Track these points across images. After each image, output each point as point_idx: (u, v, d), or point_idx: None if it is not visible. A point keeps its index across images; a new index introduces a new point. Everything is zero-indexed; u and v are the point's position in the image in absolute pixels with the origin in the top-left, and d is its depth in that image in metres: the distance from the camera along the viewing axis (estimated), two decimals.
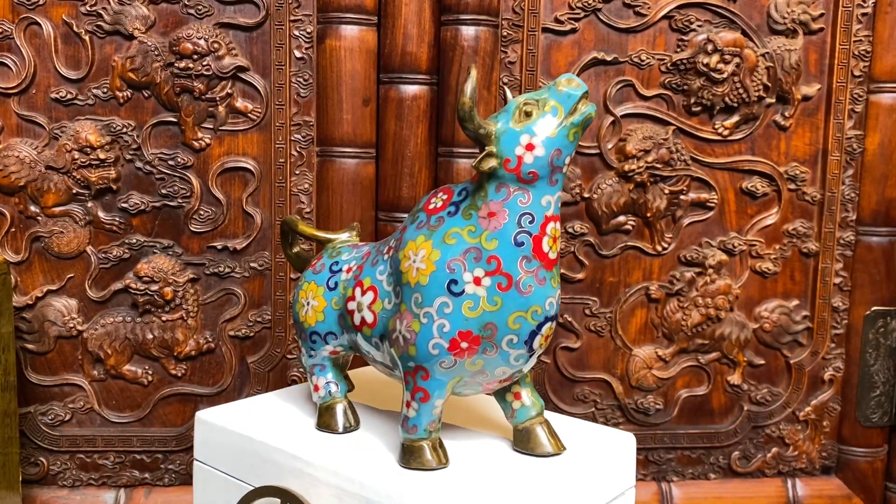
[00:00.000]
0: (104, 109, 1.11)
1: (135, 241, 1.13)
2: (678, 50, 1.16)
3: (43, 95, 1.10)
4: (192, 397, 1.17)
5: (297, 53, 1.11)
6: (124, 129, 1.11)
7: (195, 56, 1.09)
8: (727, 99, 1.16)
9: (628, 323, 1.21)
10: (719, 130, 1.18)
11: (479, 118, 0.67)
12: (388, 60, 1.11)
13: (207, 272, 1.14)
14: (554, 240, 0.68)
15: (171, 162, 1.12)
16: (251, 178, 1.14)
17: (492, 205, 0.67)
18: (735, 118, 1.18)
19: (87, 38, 1.09)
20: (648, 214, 1.18)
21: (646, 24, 1.15)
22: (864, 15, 1.18)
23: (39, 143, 1.10)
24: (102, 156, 1.10)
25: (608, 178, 1.17)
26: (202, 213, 1.13)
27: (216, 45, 1.09)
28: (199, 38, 1.09)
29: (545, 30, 1.14)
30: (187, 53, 1.09)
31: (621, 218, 1.18)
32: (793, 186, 1.21)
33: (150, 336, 1.14)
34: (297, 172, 1.13)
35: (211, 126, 1.12)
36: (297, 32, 1.11)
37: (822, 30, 1.19)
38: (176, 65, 1.09)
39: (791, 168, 1.20)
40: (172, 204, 1.13)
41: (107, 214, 1.12)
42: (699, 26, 1.16)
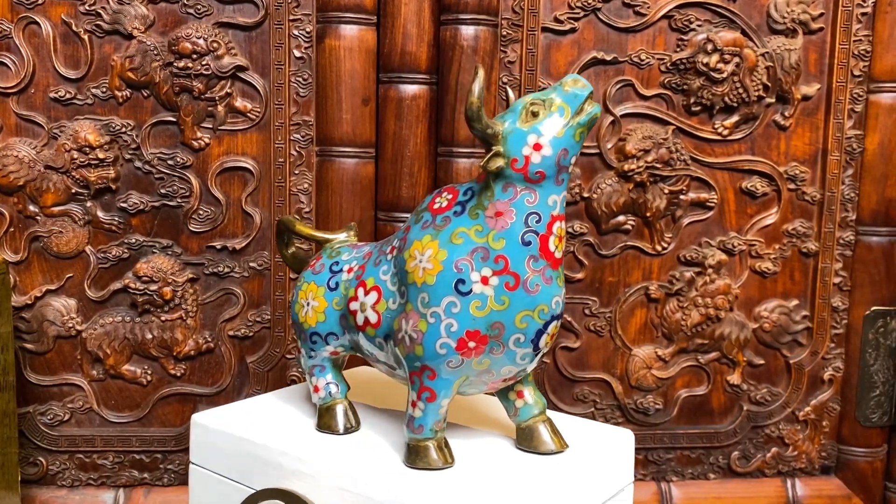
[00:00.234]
0: (103, 109, 1.11)
1: (134, 240, 1.13)
2: (678, 49, 1.16)
3: (42, 95, 1.10)
4: (191, 397, 1.16)
5: (297, 53, 1.11)
6: (123, 129, 1.11)
7: (194, 55, 1.09)
8: (727, 99, 1.16)
9: (628, 323, 1.21)
10: (719, 130, 1.18)
11: (487, 118, 0.67)
12: (387, 60, 1.11)
13: (207, 272, 1.14)
14: (560, 239, 0.68)
15: (170, 161, 1.12)
16: (250, 177, 1.14)
17: (499, 204, 0.67)
18: (735, 118, 1.18)
19: (86, 37, 1.09)
20: (648, 214, 1.18)
21: (645, 24, 1.15)
22: (863, 14, 1.17)
23: (38, 143, 1.10)
24: (101, 155, 1.10)
25: (608, 178, 1.17)
26: (201, 212, 1.13)
27: (215, 45, 1.09)
28: (199, 38, 1.09)
29: (545, 29, 1.14)
30: (186, 53, 1.08)
31: (621, 218, 1.18)
32: (792, 186, 1.21)
33: (149, 336, 1.14)
34: (297, 172, 1.13)
35: (210, 126, 1.12)
36: (296, 32, 1.11)
37: (821, 29, 1.19)
38: (175, 64, 1.09)
39: (791, 168, 1.20)
40: (172, 204, 1.13)
41: (106, 214, 1.12)
42: (699, 26, 1.16)
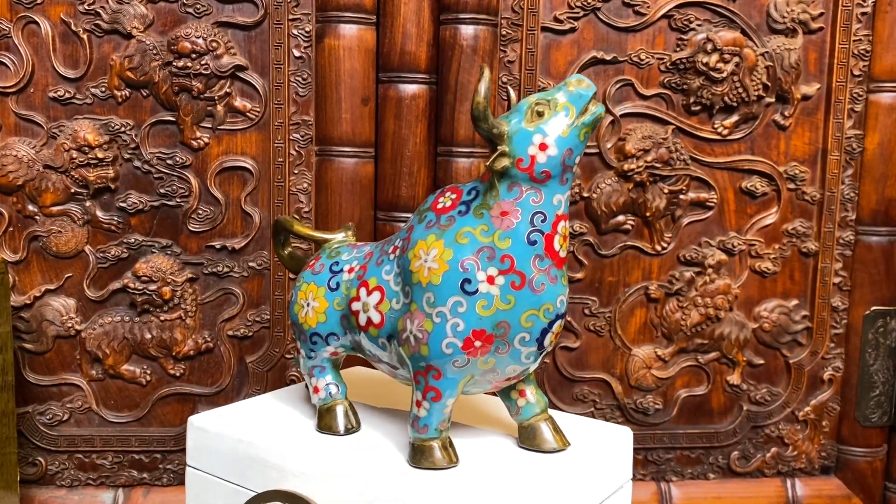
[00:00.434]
0: (102, 108, 1.11)
1: (133, 240, 1.13)
2: (677, 49, 1.16)
3: (41, 94, 1.10)
4: (190, 397, 1.16)
5: (296, 52, 1.11)
6: (122, 129, 1.11)
7: (194, 55, 1.09)
8: (726, 98, 1.16)
9: (627, 323, 1.21)
10: (719, 130, 1.18)
11: (493, 118, 0.67)
12: (386, 60, 1.11)
13: (206, 272, 1.14)
14: (564, 238, 0.69)
15: (169, 161, 1.12)
16: (250, 177, 1.13)
17: (504, 204, 0.68)
18: (734, 117, 1.18)
19: (85, 36, 1.09)
20: (648, 214, 1.18)
21: (645, 24, 1.15)
22: (863, 14, 1.17)
23: (37, 143, 1.10)
24: (101, 155, 1.10)
25: (607, 178, 1.17)
26: (201, 212, 1.13)
27: (215, 44, 1.09)
28: (198, 37, 1.09)
29: (544, 29, 1.14)
30: (186, 52, 1.08)
31: (620, 217, 1.18)
32: (792, 186, 1.21)
33: (148, 336, 1.14)
34: (296, 172, 1.13)
35: (209, 125, 1.12)
36: (295, 31, 1.11)
37: (821, 29, 1.18)
38: (174, 64, 1.09)
39: (790, 167, 1.20)
40: (171, 203, 1.13)
41: (105, 214, 1.12)
42: (698, 25, 1.15)
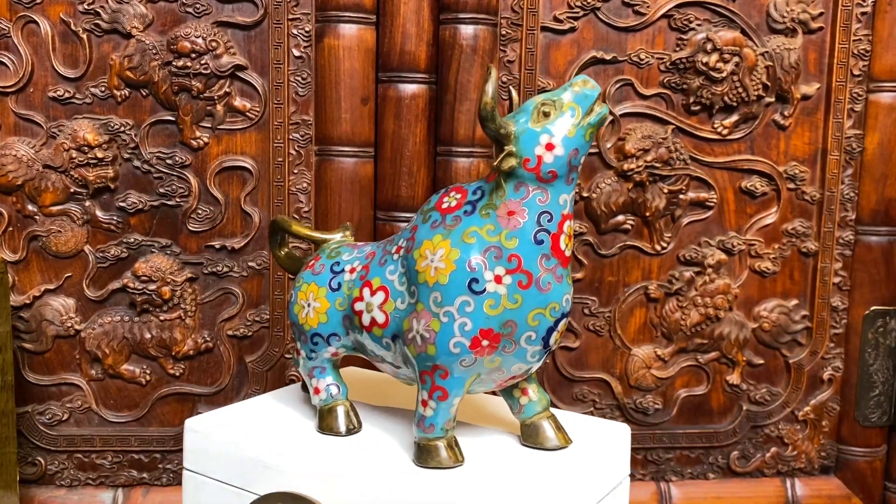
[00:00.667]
0: (102, 108, 1.11)
1: (133, 240, 1.13)
2: (677, 49, 1.16)
3: (40, 94, 1.10)
4: (190, 397, 1.16)
5: (296, 52, 1.11)
6: (122, 128, 1.11)
7: (193, 55, 1.08)
8: (726, 98, 1.16)
9: (627, 322, 1.21)
10: (718, 130, 1.18)
11: (500, 118, 0.67)
12: (386, 59, 1.11)
13: (205, 271, 1.14)
14: (569, 238, 0.69)
15: (169, 161, 1.12)
16: (249, 177, 1.13)
17: (511, 204, 0.68)
18: (734, 117, 1.18)
19: (84, 36, 1.09)
20: (647, 214, 1.18)
21: (645, 23, 1.15)
22: (863, 14, 1.17)
23: (37, 142, 1.10)
24: (100, 155, 1.10)
25: (607, 178, 1.17)
26: (200, 212, 1.13)
27: (214, 44, 1.09)
28: (198, 37, 1.09)
29: (544, 28, 1.14)
30: (185, 52, 1.08)
31: (620, 217, 1.18)
32: (792, 186, 1.21)
33: (147, 335, 1.14)
34: (296, 171, 1.13)
35: (209, 125, 1.12)
36: (295, 31, 1.11)
37: (821, 29, 1.18)
38: (174, 63, 1.09)
39: (790, 167, 1.20)
40: (170, 203, 1.13)
41: (105, 213, 1.12)
42: (698, 25, 1.15)
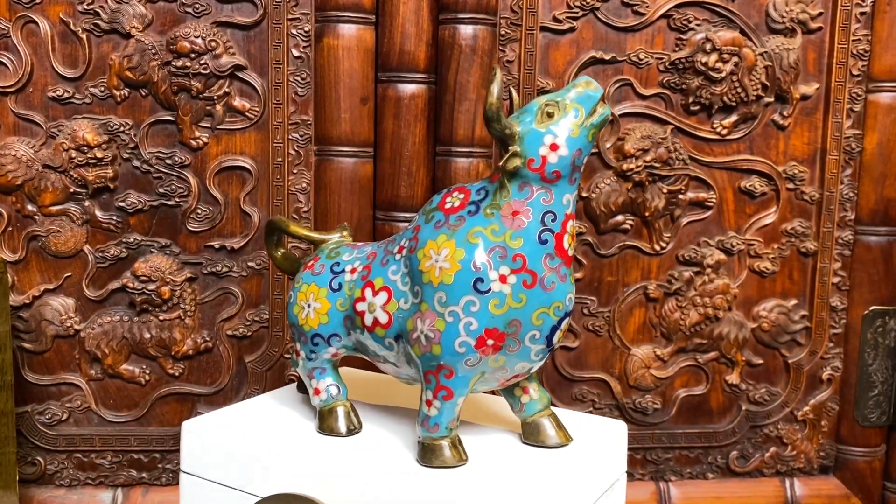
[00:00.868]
0: (101, 108, 1.11)
1: (132, 240, 1.13)
2: (676, 49, 1.16)
3: (40, 94, 1.10)
4: (189, 397, 1.16)
5: (295, 52, 1.11)
6: (121, 128, 1.11)
7: (193, 55, 1.09)
8: (725, 98, 1.16)
9: (626, 322, 1.21)
10: (718, 130, 1.18)
11: (505, 119, 0.68)
12: (385, 59, 1.11)
13: (205, 271, 1.14)
14: (572, 237, 0.70)
15: (168, 161, 1.12)
16: (249, 177, 1.13)
17: (515, 203, 0.68)
18: (733, 117, 1.18)
19: (84, 36, 1.09)
20: (647, 214, 1.18)
21: (644, 23, 1.15)
22: (862, 14, 1.17)
23: (36, 142, 1.10)
24: (100, 155, 1.10)
25: (606, 178, 1.17)
26: (200, 212, 1.13)
27: (214, 44, 1.09)
28: (197, 37, 1.09)
29: (543, 28, 1.14)
30: (185, 52, 1.08)
31: (619, 217, 1.18)
32: (791, 186, 1.21)
33: (147, 335, 1.14)
34: (295, 171, 1.13)
35: (208, 125, 1.12)
36: (294, 31, 1.11)
37: (820, 29, 1.19)
38: (173, 63, 1.09)
39: (789, 167, 1.20)
40: (170, 203, 1.13)
41: (104, 213, 1.12)
42: (697, 25, 1.15)
